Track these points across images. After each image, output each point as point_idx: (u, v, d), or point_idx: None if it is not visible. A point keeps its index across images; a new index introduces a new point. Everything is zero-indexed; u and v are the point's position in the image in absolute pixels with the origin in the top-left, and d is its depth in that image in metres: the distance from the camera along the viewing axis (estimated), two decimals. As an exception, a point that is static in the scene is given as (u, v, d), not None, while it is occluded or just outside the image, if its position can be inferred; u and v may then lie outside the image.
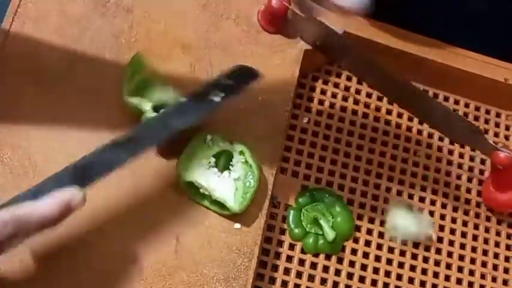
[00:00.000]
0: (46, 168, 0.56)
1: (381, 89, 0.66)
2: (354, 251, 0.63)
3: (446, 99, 0.72)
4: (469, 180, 0.69)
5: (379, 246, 0.64)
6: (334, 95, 0.69)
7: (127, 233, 0.56)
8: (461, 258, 0.65)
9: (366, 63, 0.63)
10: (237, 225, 0.58)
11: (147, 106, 0.58)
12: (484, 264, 0.65)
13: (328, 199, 0.63)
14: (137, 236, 0.56)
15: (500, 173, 0.64)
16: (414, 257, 0.64)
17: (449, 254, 0.65)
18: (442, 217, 0.66)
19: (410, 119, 0.69)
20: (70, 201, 0.47)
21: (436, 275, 0.64)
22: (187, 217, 0.57)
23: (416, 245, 0.64)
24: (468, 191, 0.68)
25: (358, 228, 0.64)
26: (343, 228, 0.63)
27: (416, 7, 0.75)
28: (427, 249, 0.64)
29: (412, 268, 0.64)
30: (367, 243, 0.64)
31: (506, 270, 0.65)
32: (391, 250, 0.64)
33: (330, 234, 0.61)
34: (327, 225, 0.62)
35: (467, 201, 0.68)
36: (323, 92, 0.69)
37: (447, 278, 0.64)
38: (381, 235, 0.64)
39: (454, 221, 0.66)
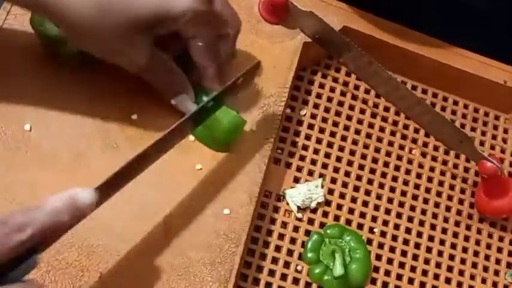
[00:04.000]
0: (39, 143, 0.57)
1: (377, 88, 0.67)
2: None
3: (445, 99, 0.72)
4: (464, 181, 0.68)
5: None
6: (332, 89, 0.69)
7: (116, 213, 0.56)
8: (452, 258, 0.65)
9: (365, 62, 0.64)
10: (226, 211, 0.58)
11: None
12: (474, 265, 0.65)
13: (355, 243, 0.62)
14: (126, 217, 0.56)
15: (488, 181, 0.64)
16: (404, 254, 0.64)
17: (440, 253, 0.65)
18: (435, 216, 0.66)
19: (408, 117, 0.69)
20: (78, 199, 0.46)
21: (425, 273, 0.64)
22: (177, 200, 0.58)
23: (406, 241, 0.64)
24: (462, 191, 0.68)
25: (349, 223, 0.64)
26: (354, 275, 0.61)
27: (416, 5, 0.75)
28: (417, 246, 0.64)
29: (401, 265, 0.63)
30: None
31: (496, 273, 0.65)
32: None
33: (338, 271, 0.59)
34: (341, 260, 0.60)
35: (461, 202, 0.67)
36: (321, 86, 0.69)
37: (436, 277, 0.64)
38: (371, 230, 0.64)
39: (446, 220, 0.66)
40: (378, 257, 0.63)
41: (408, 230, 0.65)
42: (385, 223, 0.65)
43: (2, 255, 0.42)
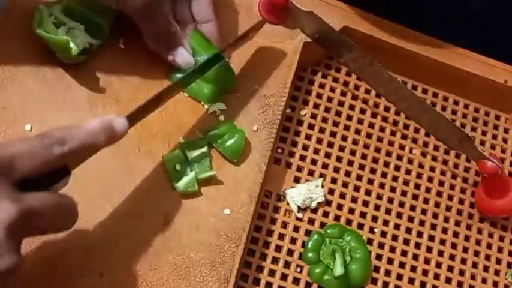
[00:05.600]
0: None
1: (377, 88, 0.67)
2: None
3: (445, 99, 0.71)
4: (464, 180, 0.68)
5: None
6: (332, 89, 0.69)
7: (117, 212, 0.56)
8: (452, 257, 0.65)
9: (365, 62, 0.64)
10: (227, 211, 0.58)
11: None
12: (474, 265, 0.65)
13: (355, 242, 0.61)
14: (126, 215, 0.56)
15: (489, 180, 0.64)
16: (404, 253, 0.64)
17: (440, 253, 0.65)
18: (435, 216, 0.66)
19: (408, 117, 0.69)
20: (113, 124, 0.49)
21: (425, 273, 0.64)
22: (177, 200, 0.58)
23: (407, 241, 0.64)
24: (463, 191, 0.68)
25: (349, 223, 0.64)
26: (354, 275, 0.60)
27: (416, 5, 0.75)
28: (418, 246, 0.64)
29: (402, 265, 0.63)
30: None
31: (497, 273, 0.65)
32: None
33: (339, 270, 0.59)
34: (341, 260, 0.60)
35: (461, 202, 0.67)
36: (321, 86, 0.69)
37: (436, 277, 0.64)
38: (371, 230, 0.64)
39: (446, 220, 0.66)
40: (378, 257, 0.63)
41: (409, 230, 0.65)
42: (386, 223, 0.65)
43: (40, 166, 0.44)
